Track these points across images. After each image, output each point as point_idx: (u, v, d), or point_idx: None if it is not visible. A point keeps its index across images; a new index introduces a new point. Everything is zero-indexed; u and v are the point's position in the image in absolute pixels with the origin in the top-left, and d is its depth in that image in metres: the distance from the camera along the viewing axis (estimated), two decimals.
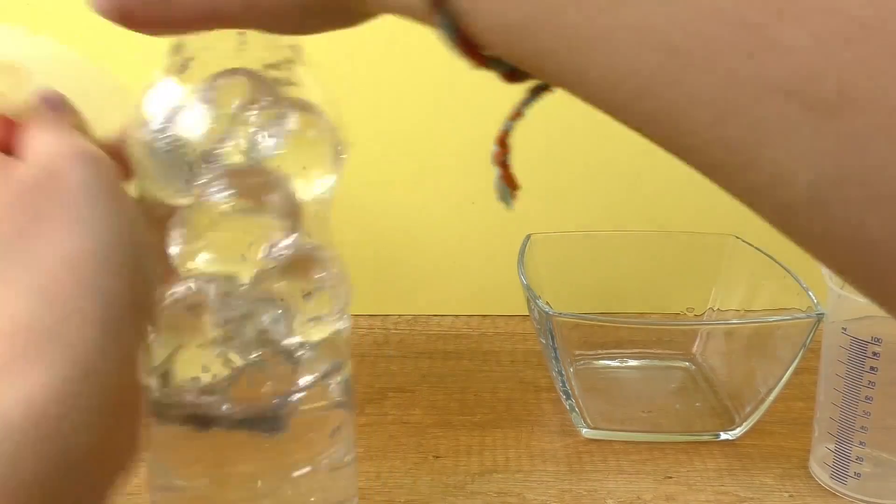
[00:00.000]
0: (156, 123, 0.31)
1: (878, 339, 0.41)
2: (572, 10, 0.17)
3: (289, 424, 0.34)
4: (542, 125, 0.65)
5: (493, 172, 0.25)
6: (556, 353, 0.48)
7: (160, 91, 0.32)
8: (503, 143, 0.25)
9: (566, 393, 0.50)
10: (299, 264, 0.33)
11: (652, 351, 0.58)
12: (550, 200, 0.66)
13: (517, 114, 0.24)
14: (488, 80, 0.21)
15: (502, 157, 0.25)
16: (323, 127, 0.33)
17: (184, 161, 0.31)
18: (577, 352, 0.56)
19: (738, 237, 0.58)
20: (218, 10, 0.23)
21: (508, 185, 0.25)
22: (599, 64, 0.17)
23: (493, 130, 0.24)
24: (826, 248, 0.17)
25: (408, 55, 0.61)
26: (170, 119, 0.31)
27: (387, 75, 0.63)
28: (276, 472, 0.34)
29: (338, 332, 0.35)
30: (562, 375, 0.49)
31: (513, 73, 0.21)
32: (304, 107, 0.33)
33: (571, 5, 0.17)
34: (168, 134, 0.31)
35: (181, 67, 0.32)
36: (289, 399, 0.33)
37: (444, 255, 0.68)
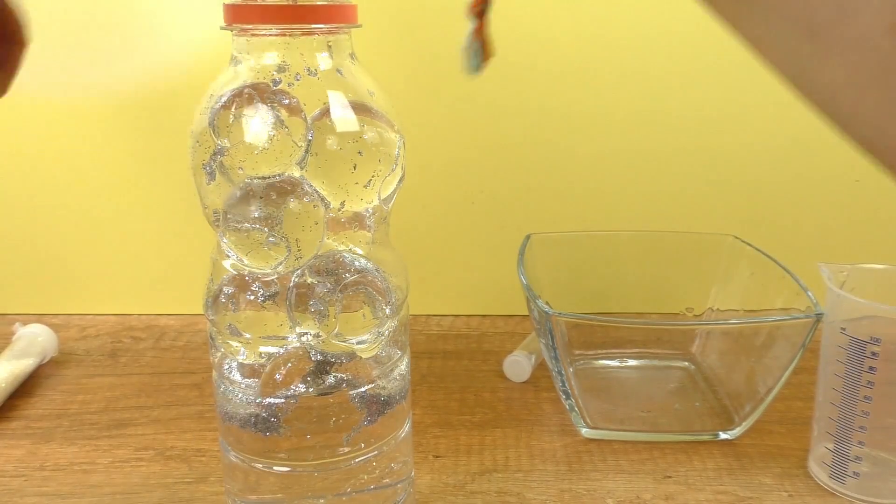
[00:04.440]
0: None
1: (877, 339, 0.41)
2: None
3: (282, 425, 0.34)
4: (543, 125, 0.66)
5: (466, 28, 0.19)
6: (555, 352, 0.48)
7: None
8: None
9: (566, 393, 0.50)
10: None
11: (651, 351, 0.58)
12: (550, 200, 0.67)
13: None
14: (489, 81, 0.20)
15: (480, 6, 0.19)
16: (378, 128, 0.33)
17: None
18: (577, 351, 0.56)
19: (737, 237, 0.58)
20: None
21: (481, 47, 0.20)
22: None
23: (493, 133, 0.23)
24: None
25: (407, 54, 0.61)
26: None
27: (386, 75, 0.63)
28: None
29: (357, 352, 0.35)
30: (561, 375, 0.49)
31: None
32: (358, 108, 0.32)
33: None
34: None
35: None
36: (280, 401, 0.33)
37: (444, 255, 0.68)
